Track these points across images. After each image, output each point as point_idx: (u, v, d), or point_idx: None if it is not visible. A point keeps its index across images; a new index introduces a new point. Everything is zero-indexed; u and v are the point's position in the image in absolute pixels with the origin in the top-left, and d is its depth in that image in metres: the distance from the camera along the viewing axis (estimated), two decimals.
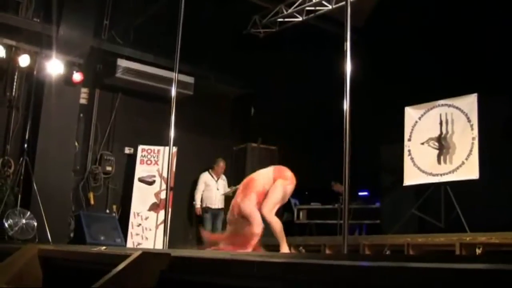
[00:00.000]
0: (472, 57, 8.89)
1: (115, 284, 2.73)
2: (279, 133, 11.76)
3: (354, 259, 3.25)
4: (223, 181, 11.44)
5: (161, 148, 11.21)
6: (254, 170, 9.02)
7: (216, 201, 11.16)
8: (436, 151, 8.88)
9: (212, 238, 7.44)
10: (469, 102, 8.56)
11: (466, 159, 8.43)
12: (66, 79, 10.24)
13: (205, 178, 11.38)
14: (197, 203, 11.18)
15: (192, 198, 11.53)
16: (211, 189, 11.21)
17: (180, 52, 7.14)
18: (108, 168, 11.39)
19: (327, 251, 8.48)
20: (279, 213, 6.97)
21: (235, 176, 11.71)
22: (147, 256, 2.93)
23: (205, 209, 11.06)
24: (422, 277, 1.80)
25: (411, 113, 9.33)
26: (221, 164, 11.46)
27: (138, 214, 11.10)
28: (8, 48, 9.74)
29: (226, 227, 6.88)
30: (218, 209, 11.10)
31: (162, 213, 10.66)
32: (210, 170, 11.49)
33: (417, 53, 9.68)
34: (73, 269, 4.15)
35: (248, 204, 6.24)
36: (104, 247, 4.53)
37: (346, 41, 5.16)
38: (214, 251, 5.89)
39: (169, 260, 2.94)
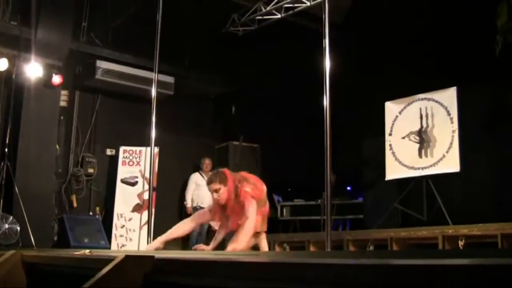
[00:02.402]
0: (451, 50, 8.95)
1: None
2: (261, 130, 11.75)
3: (338, 257, 3.27)
4: None
5: (143, 148, 11.18)
6: (236, 168, 9.04)
7: (206, 201, 11.12)
8: (417, 145, 8.93)
9: None
10: (449, 95, 8.62)
11: (447, 152, 8.48)
12: (46, 82, 10.15)
13: (196, 178, 11.42)
14: (188, 203, 11.22)
15: (177, 198, 11.53)
16: (201, 188, 11.14)
17: (159, 52, 7.14)
18: (90, 170, 11.35)
19: (311, 248, 8.52)
20: None
21: None
22: (131, 259, 2.92)
23: (196, 208, 11.02)
24: (406, 274, 1.82)
25: (391, 108, 9.38)
26: (207, 161, 11.51)
27: (121, 215, 11.08)
28: None
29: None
30: None
31: (145, 213, 10.64)
32: (200, 171, 11.52)
33: (396, 47, 9.71)
34: (58, 274, 4.13)
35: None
36: (88, 250, 4.50)
37: (325, 38, 5.19)
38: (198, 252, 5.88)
39: (153, 263, 2.94)
